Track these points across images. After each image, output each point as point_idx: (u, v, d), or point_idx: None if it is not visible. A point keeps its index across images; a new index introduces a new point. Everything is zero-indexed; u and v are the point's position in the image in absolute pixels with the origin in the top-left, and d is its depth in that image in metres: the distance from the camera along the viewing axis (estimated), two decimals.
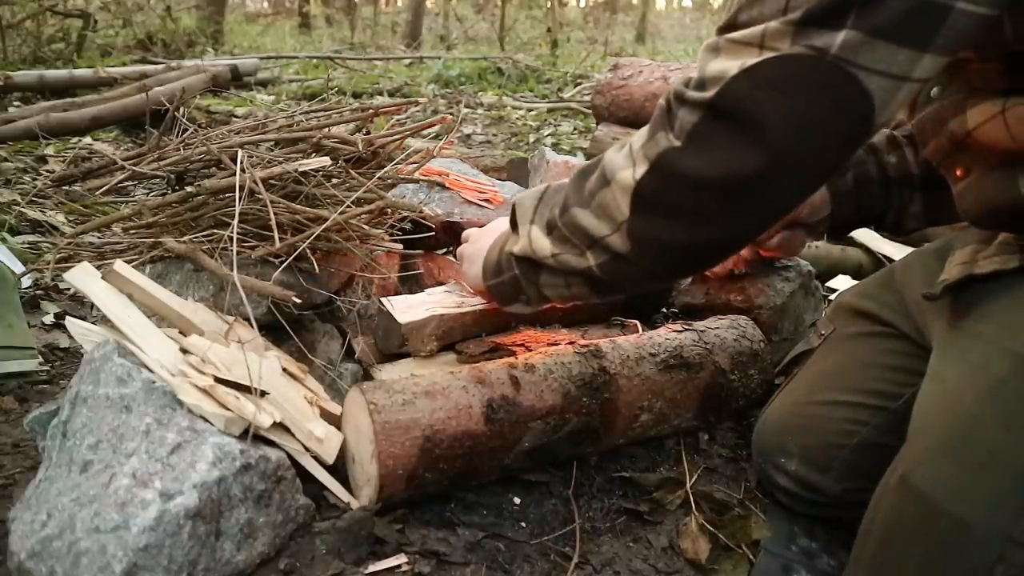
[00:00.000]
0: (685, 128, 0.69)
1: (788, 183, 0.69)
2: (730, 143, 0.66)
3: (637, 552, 0.99)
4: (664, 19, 17.13)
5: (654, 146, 0.72)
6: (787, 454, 1.04)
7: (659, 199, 0.73)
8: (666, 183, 0.71)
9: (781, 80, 0.63)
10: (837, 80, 0.62)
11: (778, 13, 0.63)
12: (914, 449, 0.77)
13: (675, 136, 0.70)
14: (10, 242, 1.79)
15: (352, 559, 0.88)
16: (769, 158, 0.65)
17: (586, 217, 0.80)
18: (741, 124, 0.65)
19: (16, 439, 1.11)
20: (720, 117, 0.66)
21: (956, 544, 0.70)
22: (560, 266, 0.85)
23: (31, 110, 3.44)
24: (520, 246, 0.90)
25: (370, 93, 5.47)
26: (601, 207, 0.78)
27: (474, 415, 0.97)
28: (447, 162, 1.67)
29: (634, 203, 0.74)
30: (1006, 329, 0.77)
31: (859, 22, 0.60)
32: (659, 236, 0.74)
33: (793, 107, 0.64)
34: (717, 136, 0.67)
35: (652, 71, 3.37)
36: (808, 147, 0.66)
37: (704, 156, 0.68)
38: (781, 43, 0.63)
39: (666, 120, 0.71)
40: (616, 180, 0.75)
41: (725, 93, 0.65)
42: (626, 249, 0.77)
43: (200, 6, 9.00)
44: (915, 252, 1.08)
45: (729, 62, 0.66)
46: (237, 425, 0.86)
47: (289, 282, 1.09)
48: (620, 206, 0.75)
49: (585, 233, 0.80)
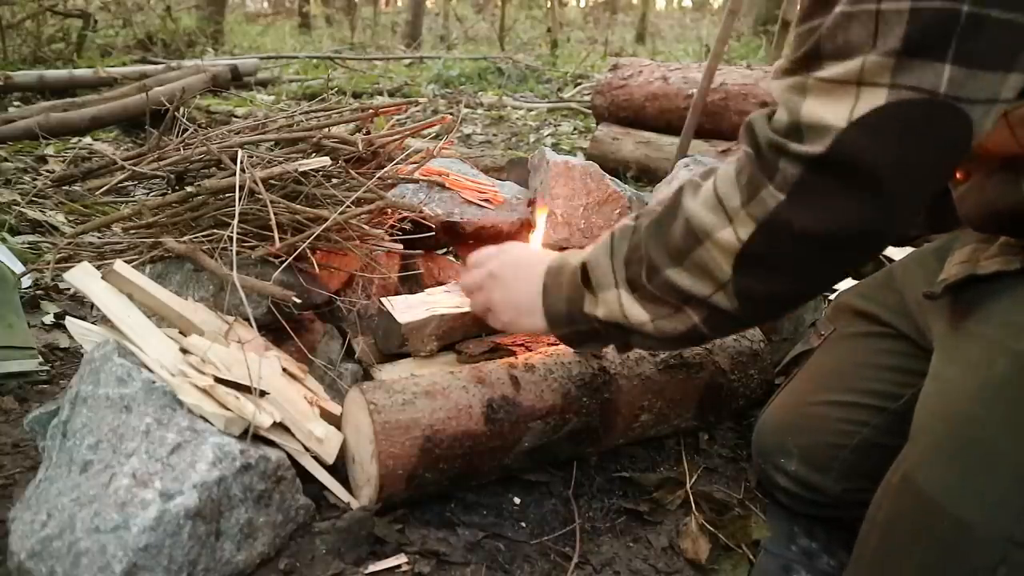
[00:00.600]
0: (789, 181, 0.65)
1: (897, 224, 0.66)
2: (844, 198, 0.63)
3: (637, 552, 0.99)
4: (664, 19, 17.12)
5: (758, 206, 0.67)
6: (787, 454, 1.04)
7: (768, 258, 0.69)
8: (775, 243, 0.68)
9: (897, 129, 0.60)
10: (948, 118, 0.60)
11: (869, 39, 0.59)
12: (916, 449, 0.77)
13: (778, 189, 0.66)
14: (10, 242, 1.79)
15: (352, 559, 0.88)
16: (885, 208, 0.63)
17: (682, 278, 0.75)
18: (856, 178, 0.62)
19: (16, 439, 1.11)
20: (832, 171, 0.63)
21: (958, 545, 0.70)
22: (659, 331, 0.80)
23: (31, 110, 3.44)
24: (606, 311, 0.83)
25: (370, 93, 5.47)
26: (698, 267, 0.73)
27: (474, 415, 0.97)
28: (447, 162, 1.67)
29: (739, 264, 0.70)
30: (1008, 329, 0.77)
31: (961, 54, 0.57)
32: (767, 291, 0.72)
33: (908, 153, 0.61)
34: (829, 191, 0.64)
35: (652, 71, 3.37)
36: (918, 187, 0.64)
37: (815, 211, 0.64)
38: (881, 78, 0.59)
39: (763, 173, 0.67)
40: (714, 240, 0.71)
41: (838, 148, 0.61)
42: (731, 306, 0.73)
43: (200, 6, 9.00)
44: (914, 252, 1.08)
45: (829, 108, 0.62)
46: (237, 425, 0.86)
47: (289, 282, 1.09)
48: (721, 266, 0.71)
49: (683, 294, 0.76)
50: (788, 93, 0.65)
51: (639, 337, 0.83)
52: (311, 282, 1.13)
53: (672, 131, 3.16)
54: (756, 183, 0.67)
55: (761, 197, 0.67)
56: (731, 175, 0.70)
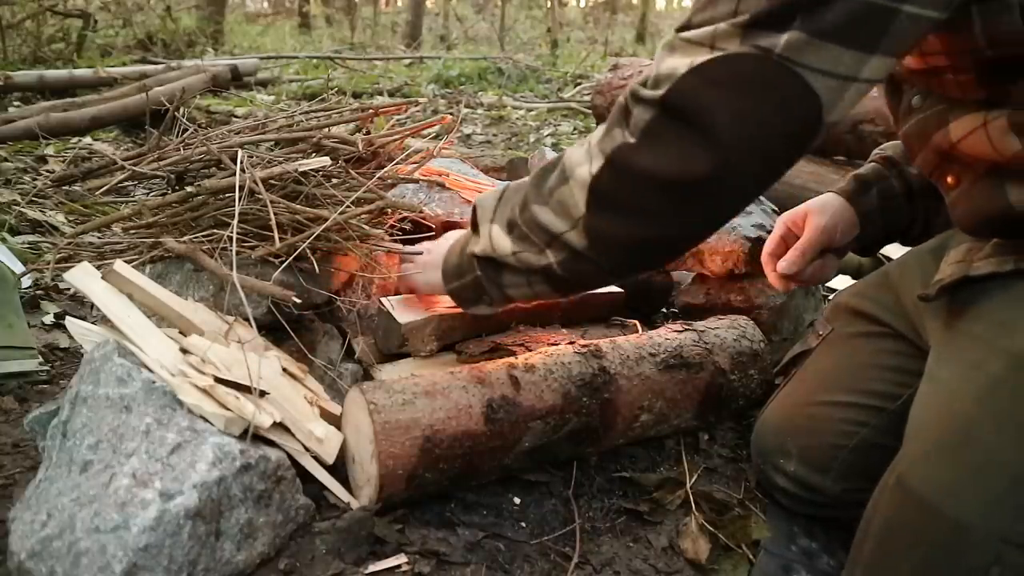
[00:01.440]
0: (639, 125, 0.70)
1: (738, 182, 0.70)
2: (681, 142, 0.67)
3: (637, 552, 0.99)
4: (664, 19, 17.11)
5: (610, 142, 0.73)
6: (786, 455, 1.04)
7: (614, 196, 0.74)
8: (620, 180, 0.73)
9: (727, 79, 0.65)
10: (782, 79, 0.63)
11: (728, 15, 0.65)
12: (911, 450, 0.77)
13: (630, 133, 0.71)
14: (10, 242, 1.79)
15: (352, 559, 0.88)
16: (719, 158, 0.66)
17: (545, 214, 0.80)
18: (691, 122, 0.66)
19: (16, 439, 1.11)
20: (671, 115, 0.67)
21: (953, 545, 0.70)
22: (521, 264, 0.86)
23: (31, 110, 3.44)
24: (481, 246, 0.90)
25: (370, 93, 5.46)
26: (560, 204, 0.78)
27: (474, 415, 0.97)
28: (447, 162, 1.67)
29: (590, 199, 0.75)
30: (1002, 329, 0.77)
31: (804, 24, 0.61)
32: (614, 233, 0.75)
33: (740, 106, 0.65)
34: (668, 134, 0.68)
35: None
36: (756, 146, 0.67)
37: (656, 154, 0.69)
38: (729, 43, 0.64)
39: (623, 117, 0.73)
40: (574, 176, 0.76)
41: (675, 91, 0.67)
42: (583, 246, 0.78)
43: (200, 6, 8.99)
44: (911, 252, 1.08)
45: (680, 60, 0.67)
46: (237, 425, 0.86)
47: (289, 282, 1.09)
48: (578, 203, 0.76)
49: (544, 230, 0.81)
50: (660, 52, 0.71)
51: (509, 272, 0.88)
52: (311, 282, 1.13)
53: None
54: (613, 124, 0.73)
55: (613, 135, 0.73)
56: (607, 121, 0.75)
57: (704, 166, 0.66)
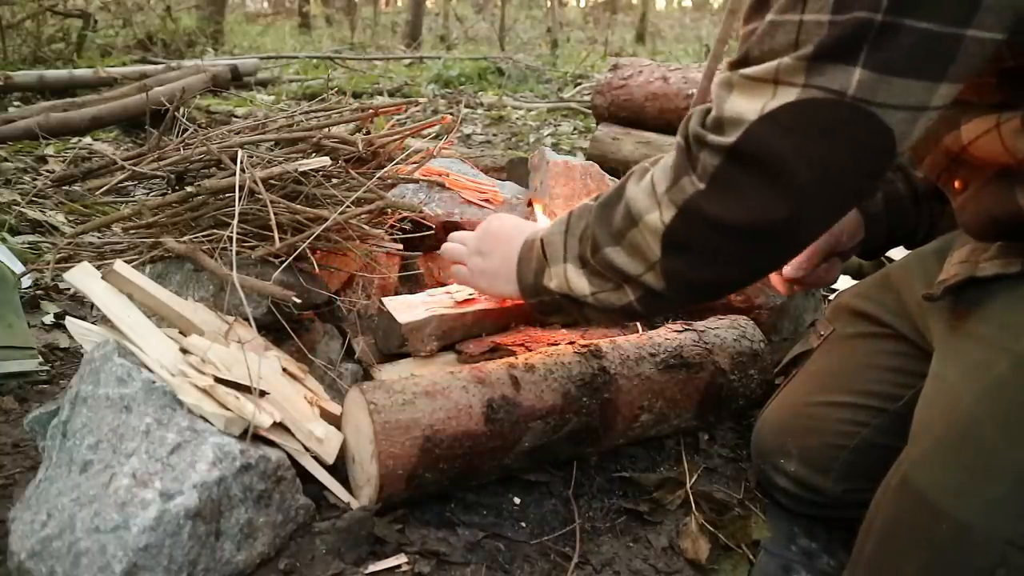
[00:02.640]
0: (708, 172, 0.68)
1: (813, 223, 0.69)
2: (755, 190, 0.66)
3: (637, 552, 0.99)
4: (664, 19, 17.11)
5: (679, 192, 0.71)
6: (786, 455, 1.04)
7: (689, 242, 0.73)
8: (694, 228, 0.72)
9: (801, 125, 0.63)
10: (857, 120, 0.61)
11: (789, 47, 0.62)
12: (915, 451, 0.77)
13: (698, 178, 0.69)
14: (10, 242, 1.79)
15: (352, 559, 0.88)
16: (794, 204, 0.66)
17: (619, 256, 0.80)
18: (764, 170, 0.65)
19: (16, 439, 1.11)
20: (742, 162, 0.66)
21: (957, 546, 0.70)
22: (600, 304, 0.86)
23: (31, 110, 3.44)
24: (556, 283, 0.90)
25: (370, 93, 5.46)
26: (633, 247, 0.78)
27: (474, 415, 0.97)
28: (447, 162, 1.67)
29: (665, 245, 0.74)
30: (1007, 330, 0.77)
31: (872, 59, 0.59)
32: (691, 275, 0.76)
33: (816, 152, 0.63)
34: (741, 182, 0.67)
35: (652, 71, 3.37)
36: (831, 188, 0.66)
37: (730, 202, 0.68)
38: (795, 78, 0.62)
39: (688, 162, 0.71)
40: (644, 222, 0.76)
41: (746, 139, 0.65)
42: (661, 286, 0.78)
43: (200, 6, 8.99)
44: (913, 253, 1.08)
45: (746, 103, 0.65)
46: (237, 425, 0.86)
47: (289, 282, 1.09)
48: (652, 247, 0.76)
49: (619, 271, 0.81)
50: (718, 89, 0.69)
51: (587, 308, 0.89)
52: (311, 282, 1.13)
53: (672, 131, 3.13)
54: (680, 171, 0.72)
55: (682, 184, 0.71)
56: (668, 163, 0.74)
57: (780, 213, 0.66)
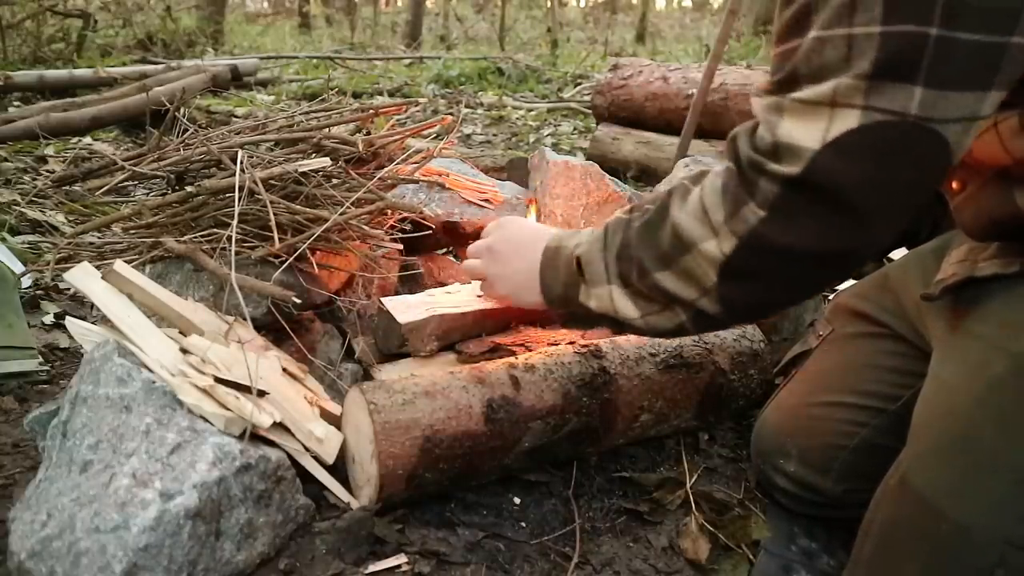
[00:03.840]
0: (769, 200, 0.67)
1: (878, 242, 0.69)
2: (822, 218, 0.65)
3: (637, 552, 0.99)
4: (664, 19, 17.11)
5: (741, 223, 0.69)
6: (786, 455, 1.04)
7: (750, 271, 0.72)
8: (757, 258, 0.70)
9: (868, 151, 0.62)
10: (920, 139, 0.61)
11: (843, 64, 0.61)
12: (914, 451, 0.77)
13: (759, 207, 0.68)
14: (10, 242, 1.79)
15: (352, 559, 0.88)
16: (864, 229, 0.65)
17: (670, 281, 0.78)
18: (832, 199, 0.64)
19: (16, 439, 1.11)
20: (809, 192, 0.65)
21: (955, 547, 0.70)
22: (649, 327, 0.84)
23: (31, 110, 3.45)
24: (599, 304, 0.87)
25: (370, 93, 5.47)
26: (686, 273, 0.76)
27: (474, 415, 0.97)
28: (447, 162, 1.67)
29: (723, 273, 0.73)
30: (1006, 330, 0.77)
31: (930, 75, 0.59)
32: (749, 299, 0.75)
33: (882, 175, 0.63)
34: (807, 211, 0.66)
35: (652, 71, 3.37)
36: (898, 208, 0.66)
37: (795, 231, 0.67)
38: (854, 99, 0.61)
39: (745, 190, 0.69)
40: (700, 250, 0.73)
41: (812, 169, 0.63)
42: (716, 311, 0.76)
43: (200, 6, 8.99)
44: (911, 253, 1.08)
45: (804, 130, 0.64)
46: (237, 425, 0.86)
47: (289, 282, 1.09)
48: (708, 274, 0.74)
49: (671, 296, 0.79)
50: (767, 113, 0.67)
51: (630, 329, 0.87)
52: (311, 282, 1.13)
53: (672, 131, 3.15)
54: (738, 199, 0.69)
55: (743, 214, 0.69)
56: (717, 187, 0.72)
57: (849, 240, 0.66)
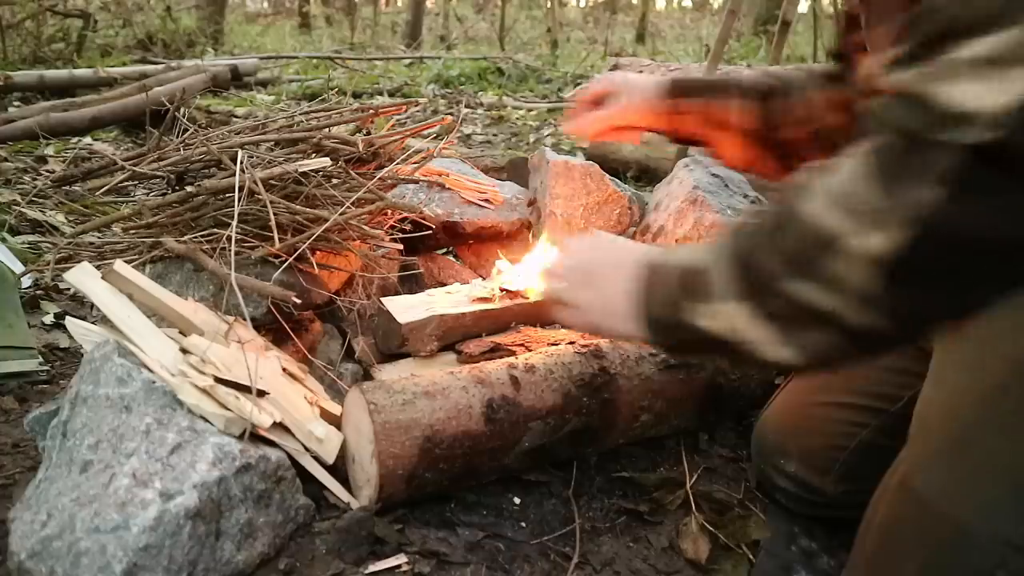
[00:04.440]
0: (949, 175, 0.56)
1: None
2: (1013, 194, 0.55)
3: (637, 552, 0.99)
4: (664, 19, 17.09)
5: (912, 206, 0.57)
6: (786, 455, 1.04)
7: (928, 268, 0.60)
8: (934, 246, 0.58)
9: None
10: None
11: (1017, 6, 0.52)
12: (914, 452, 0.77)
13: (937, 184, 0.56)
14: (10, 242, 1.79)
15: (352, 559, 0.88)
16: None
17: (813, 293, 0.64)
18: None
19: (16, 439, 1.11)
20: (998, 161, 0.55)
21: (956, 549, 0.70)
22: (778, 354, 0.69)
23: (31, 110, 3.44)
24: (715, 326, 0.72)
25: (370, 93, 5.46)
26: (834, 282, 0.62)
27: (474, 415, 0.97)
28: (447, 162, 1.67)
29: (892, 274, 0.60)
30: (1008, 333, 0.76)
31: None
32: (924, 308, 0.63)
33: None
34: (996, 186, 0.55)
35: (652, 71, 3.37)
36: None
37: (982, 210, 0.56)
38: None
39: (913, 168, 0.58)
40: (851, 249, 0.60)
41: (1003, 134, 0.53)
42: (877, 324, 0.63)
43: (200, 6, 8.99)
44: None
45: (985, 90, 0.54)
46: (237, 425, 0.86)
47: (289, 282, 1.09)
48: (866, 279, 0.61)
49: (815, 313, 0.65)
50: (925, 82, 0.57)
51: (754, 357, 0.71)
52: (311, 282, 1.13)
53: None
54: (902, 179, 0.58)
55: (912, 196, 0.57)
56: (860, 171, 0.60)
57: None
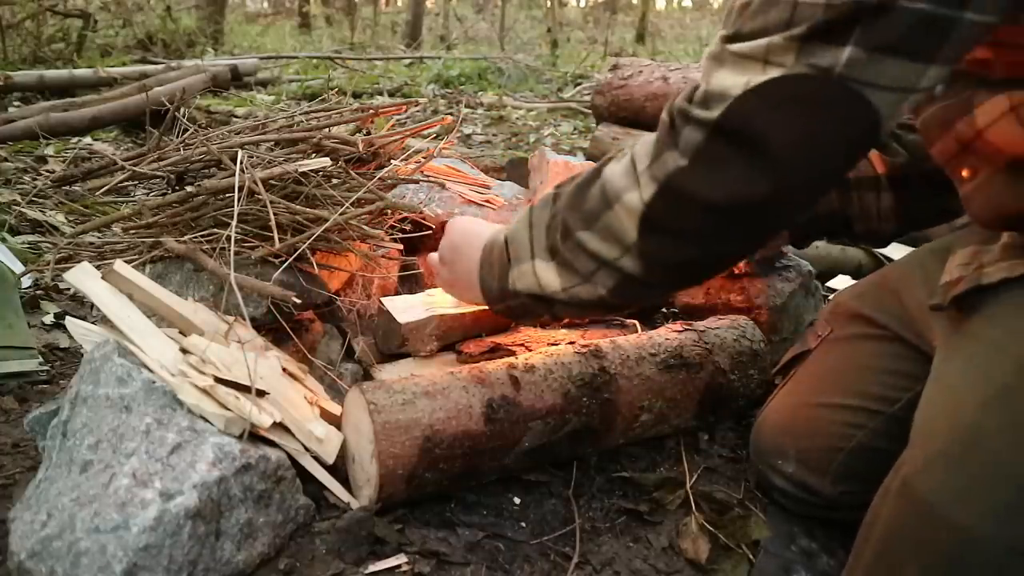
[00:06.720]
0: (690, 147, 0.67)
1: (795, 200, 0.69)
2: (737, 166, 0.65)
3: (637, 552, 0.99)
4: (664, 19, 17.10)
5: (661, 167, 0.70)
6: (784, 456, 1.04)
7: (668, 222, 0.71)
8: (675, 206, 0.70)
9: (786, 100, 0.62)
10: (842, 98, 0.61)
11: (782, 26, 0.62)
12: (916, 454, 0.76)
13: (680, 154, 0.68)
14: (10, 242, 1.79)
15: (352, 559, 0.88)
16: (777, 181, 0.65)
17: (592, 241, 0.77)
18: (747, 146, 0.64)
19: (16, 439, 1.11)
20: (726, 138, 0.65)
21: (958, 553, 0.69)
22: (573, 300, 0.83)
23: (31, 110, 3.44)
24: (525, 283, 0.87)
25: (370, 93, 5.46)
26: (607, 229, 0.76)
27: (474, 415, 0.97)
28: (447, 162, 1.67)
29: (643, 226, 0.72)
30: (1012, 335, 0.76)
31: (863, 39, 0.59)
32: (669, 256, 0.74)
33: (799, 128, 0.63)
34: (723, 158, 0.66)
35: (652, 71, 3.37)
36: (815, 165, 0.66)
37: (712, 178, 0.67)
38: (785, 58, 0.62)
39: (670, 137, 0.70)
40: (621, 202, 0.73)
41: (731, 113, 0.64)
42: (637, 270, 0.76)
43: (200, 6, 8.98)
44: (912, 253, 1.08)
45: (733, 78, 0.64)
46: (237, 425, 0.86)
47: (289, 282, 1.09)
48: (628, 229, 0.73)
49: (592, 256, 0.78)
50: (707, 62, 0.68)
51: (558, 306, 0.86)
52: (311, 282, 1.13)
53: None
54: (662, 147, 0.70)
55: (664, 159, 0.69)
56: (648, 140, 0.73)
57: (762, 189, 0.65)
